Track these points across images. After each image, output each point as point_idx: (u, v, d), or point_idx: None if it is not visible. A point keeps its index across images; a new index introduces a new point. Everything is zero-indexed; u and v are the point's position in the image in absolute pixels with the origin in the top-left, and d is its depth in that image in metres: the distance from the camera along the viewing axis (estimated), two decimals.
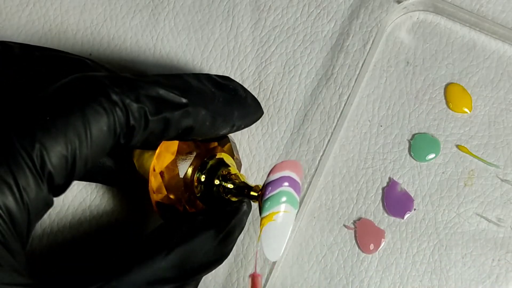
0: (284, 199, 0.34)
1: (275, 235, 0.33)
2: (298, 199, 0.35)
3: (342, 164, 0.41)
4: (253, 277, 0.32)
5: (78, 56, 0.37)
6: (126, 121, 0.30)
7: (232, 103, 0.36)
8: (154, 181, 0.36)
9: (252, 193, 0.36)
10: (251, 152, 0.41)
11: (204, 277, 0.40)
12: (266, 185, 0.34)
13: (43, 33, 0.43)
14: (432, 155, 0.41)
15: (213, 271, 0.40)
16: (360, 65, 0.41)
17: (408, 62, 0.42)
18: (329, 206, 0.41)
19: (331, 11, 0.42)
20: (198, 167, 0.37)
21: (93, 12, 0.43)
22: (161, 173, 0.36)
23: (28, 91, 0.35)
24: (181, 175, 0.36)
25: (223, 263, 0.40)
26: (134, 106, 0.31)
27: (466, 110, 0.41)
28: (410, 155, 0.41)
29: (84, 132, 0.29)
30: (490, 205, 0.40)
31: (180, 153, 0.36)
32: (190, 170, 0.36)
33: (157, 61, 0.42)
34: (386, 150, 0.41)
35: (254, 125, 0.41)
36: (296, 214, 0.35)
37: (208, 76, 0.36)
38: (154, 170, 0.36)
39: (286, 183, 0.34)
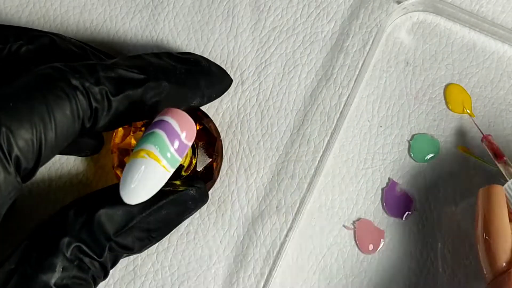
0: (157, 140, 0.32)
1: (132, 175, 0.31)
2: (179, 160, 0.33)
3: (341, 164, 0.41)
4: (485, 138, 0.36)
5: (46, 32, 0.37)
6: (89, 104, 0.31)
7: (195, 73, 0.36)
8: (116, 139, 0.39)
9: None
10: (251, 152, 0.41)
11: (203, 277, 0.40)
12: (156, 121, 0.32)
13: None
14: (431, 156, 0.41)
15: (213, 271, 0.40)
16: (360, 65, 0.41)
17: (407, 63, 0.42)
18: (328, 207, 0.41)
19: (330, 12, 0.42)
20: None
21: (93, 12, 0.43)
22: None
23: None
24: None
25: (223, 263, 0.40)
26: (95, 88, 0.32)
27: (466, 111, 0.41)
28: (410, 155, 0.41)
29: (48, 116, 0.30)
30: None
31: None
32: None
33: None
34: (386, 150, 0.41)
35: (254, 125, 0.41)
36: (170, 176, 0.33)
37: (168, 53, 0.37)
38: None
39: (176, 142, 0.32)
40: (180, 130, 0.32)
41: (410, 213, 0.40)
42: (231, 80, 0.39)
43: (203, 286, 0.40)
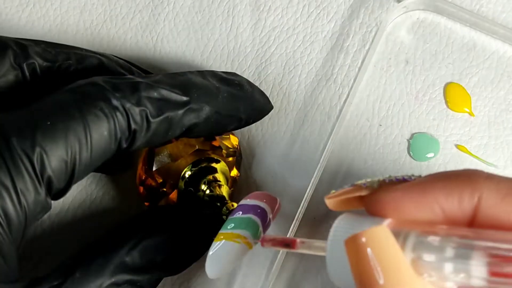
0: (253, 229, 0.33)
1: (223, 255, 0.32)
2: (261, 235, 0.33)
3: (342, 164, 0.41)
4: (263, 241, 0.32)
5: (94, 53, 0.37)
6: (128, 125, 0.31)
7: (237, 97, 0.36)
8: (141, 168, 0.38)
9: (224, 208, 0.36)
10: (251, 153, 0.41)
11: (203, 277, 0.40)
12: (242, 205, 0.33)
13: (43, 34, 0.42)
14: (431, 154, 0.41)
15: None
16: (360, 65, 0.41)
17: (407, 62, 0.42)
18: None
19: (331, 11, 0.42)
20: (191, 165, 0.37)
21: (93, 12, 0.43)
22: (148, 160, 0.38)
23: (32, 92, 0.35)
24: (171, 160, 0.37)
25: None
26: (135, 109, 0.31)
27: (466, 110, 0.41)
28: (410, 154, 0.41)
29: (85, 136, 0.29)
30: None
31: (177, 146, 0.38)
32: (181, 164, 0.37)
33: (157, 61, 0.42)
34: (386, 150, 0.41)
35: (254, 125, 0.41)
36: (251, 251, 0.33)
37: (213, 73, 0.36)
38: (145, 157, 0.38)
39: (264, 218, 0.33)
40: (272, 215, 0.33)
41: None
42: (272, 107, 0.38)
43: (203, 286, 0.40)
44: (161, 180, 0.37)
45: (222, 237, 0.32)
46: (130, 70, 0.37)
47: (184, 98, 0.33)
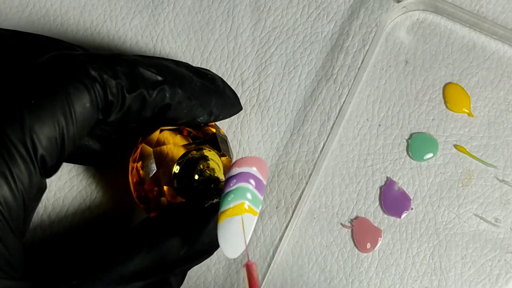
0: (246, 195, 0.32)
1: (233, 232, 0.31)
2: (261, 199, 0.33)
3: (341, 164, 0.41)
4: (248, 266, 0.32)
5: (74, 45, 0.37)
6: (105, 96, 0.31)
7: (209, 90, 0.36)
8: (134, 175, 0.37)
9: (219, 187, 0.35)
10: (251, 153, 0.41)
11: (203, 278, 0.40)
12: (227, 179, 0.32)
13: (43, 34, 0.42)
14: (430, 155, 0.41)
15: (213, 271, 0.40)
16: (360, 65, 0.42)
17: (407, 63, 0.42)
18: (328, 207, 0.41)
19: (331, 12, 0.42)
20: (177, 161, 0.37)
21: (93, 13, 0.43)
22: (138, 167, 0.37)
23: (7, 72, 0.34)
24: (157, 168, 0.37)
25: (223, 264, 0.40)
26: (112, 81, 0.31)
27: (465, 110, 0.41)
28: (409, 155, 0.41)
29: (69, 110, 0.30)
30: (489, 206, 0.40)
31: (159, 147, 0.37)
32: (168, 163, 0.37)
33: None
34: (385, 150, 0.41)
35: (254, 125, 0.41)
36: (259, 215, 0.33)
37: (187, 64, 0.36)
38: (134, 163, 0.37)
39: (251, 180, 0.32)
40: (260, 175, 0.33)
41: (407, 212, 0.40)
42: (241, 108, 0.39)
43: (203, 286, 0.40)
44: (156, 189, 0.37)
45: (223, 216, 0.32)
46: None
47: (159, 78, 0.33)
